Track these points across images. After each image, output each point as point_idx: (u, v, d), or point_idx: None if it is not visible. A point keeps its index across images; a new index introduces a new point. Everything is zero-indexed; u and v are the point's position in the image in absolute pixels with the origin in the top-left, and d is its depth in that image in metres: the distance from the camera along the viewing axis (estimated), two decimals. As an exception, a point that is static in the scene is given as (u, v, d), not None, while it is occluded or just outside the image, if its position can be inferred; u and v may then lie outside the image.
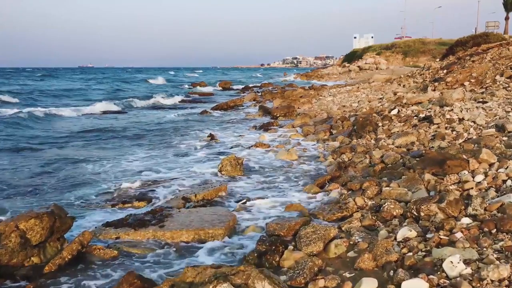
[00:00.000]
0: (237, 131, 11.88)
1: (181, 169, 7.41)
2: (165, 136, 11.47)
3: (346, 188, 5.85)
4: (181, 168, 7.50)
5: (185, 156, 8.57)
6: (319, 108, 16.87)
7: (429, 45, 53.50)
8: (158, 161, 8.23)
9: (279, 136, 10.55)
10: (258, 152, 8.67)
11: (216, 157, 8.27)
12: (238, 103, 19.67)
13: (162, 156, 8.67)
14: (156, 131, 12.45)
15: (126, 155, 8.98)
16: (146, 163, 8.13)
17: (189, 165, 7.68)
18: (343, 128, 10.43)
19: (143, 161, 8.27)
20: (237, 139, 10.47)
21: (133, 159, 8.50)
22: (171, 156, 8.64)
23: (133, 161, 8.34)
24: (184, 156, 8.53)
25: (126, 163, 8.18)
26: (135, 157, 8.68)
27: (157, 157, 8.64)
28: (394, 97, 15.10)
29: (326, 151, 8.73)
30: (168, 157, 8.60)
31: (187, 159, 8.24)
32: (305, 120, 12.67)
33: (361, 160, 7.64)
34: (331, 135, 10.19)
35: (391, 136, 8.86)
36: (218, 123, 13.84)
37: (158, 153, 9.09)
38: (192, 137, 11.07)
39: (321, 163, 7.79)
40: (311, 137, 10.07)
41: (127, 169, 7.65)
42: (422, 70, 19.09)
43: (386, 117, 10.40)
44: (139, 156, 8.82)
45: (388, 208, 4.76)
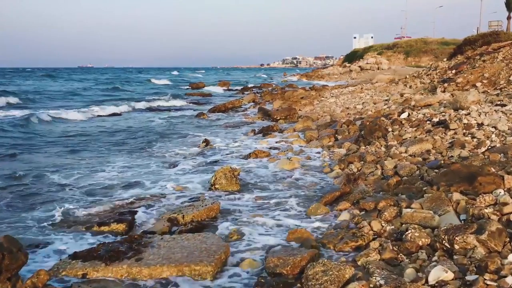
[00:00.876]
0: (234, 136, 11.06)
1: (168, 182, 6.57)
2: (154, 142, 10.55)
3: (358, 207, 5.04)
4: (168, 181, 6.65)
5: (174, 166, 7.71)
6: (321, 110, 16.06)
7: (432, 45, 52.62)
8: (143, 172, 7.31)
9: (279, 142, 9.73)
10: (257, 161, 7.85)
11: (209, 168, 7.43)
12: (237, 105, 18.86)
13: (148, 166, 7.76)
14: (145, 136, 11.54)
15: (105, 164, 7.98)
16: (128, 174, 7.18)
17: (178, 178, 6.84)
18: (349, 133, 9.62)
19: (124, 173, 7.30)
20: (234, 146, 9.66)
21: (112, 170, 7.50)
22: (158, 166, 7.74)
23: (113, 172, 7.33)
24: (173, 167, 7.67)
25: (104, 174, 7.20)
26: (116, 168, 7.68)
27: (142, 167, 7.72)
28: (401, 99, 14.29)
29: (331, 159, 7.92)
30: (154, 167, 7.67)
31: (176, 170, 7.38)
32: (307, 124, 11.86)
33: (372, 171, 6.83)
34: (336, 141, 9.37)
35: (403, 143, 8.05)
36: (214, 127, 13.02)
37: (144, 162, 8.14)
38: (184, 143, 10.22)
39: (327, 174, 6.98)
40: (315, 143, 9.26)
41: (105, 182, 6.69)
42: (428, 70, 18.28)
43: (396, 121, 9.58)
44: (120, 166, 7.84)
45: (412, 236, 3.95)
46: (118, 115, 17.44)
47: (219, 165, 7.46)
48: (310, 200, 5.57)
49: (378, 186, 6.17)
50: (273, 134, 10.77)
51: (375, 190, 6.00)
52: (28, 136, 11.67)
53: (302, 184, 6.37)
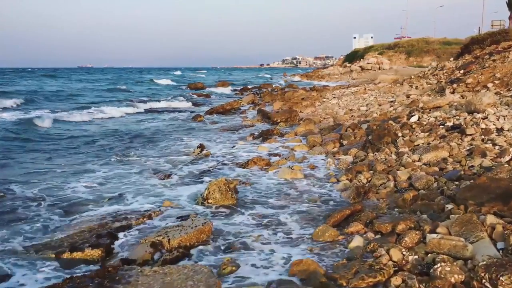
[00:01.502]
0: (232, 141, 10.36)
1: (154, 196, 5.86)
2: (142, 148, 9.77)
3: (373, 229, 4.34)
4: (154, 194, 5.94)
5: (162, 177, 6.97)
6: (323, 112, 15.36)
7: (433, 45, 51.90)
8: (125, 183, 6.53)
9: (280, 148, 9.04)
10: (255, 170, 7.15)
11: (202, 178, 6.73)
12: (235, 106, 18.14)
13: (131, 176, 6.96)
14: (133, 141, 10.72)
15: (82, 174, 7.15)
16: (108, 186, 6.37)
17: (166, 190, 6.13)
18: (355, 138, 8.92)
19: (104, 184, 6.48)
20: (231, 152, 8.96)
21: (90, 181, 6.67)
22: (144, 177, 6.98)
23: (91, 184, 6.52)
24: (161, 177, 6.90)
25: (80, 186, 6.35)
26: (94, 178, 6.85)
27: (124, 177, 6.92)
28: (407, 101, 13.60)
29: (337, 168, 7.22)
30: (139, 178, 6.87)
31: (164, 181, 6.63)
32: (309, 127, 11.16)
33: (384, 183, 6.14)
34: (342, 147, 8.67)
35: (416, 149, 7.36)
36: (210, 131, 12.31)
37: (127, 171, 7.32)
38: (176, 150, 9.49)
39: (334, 185, 6.28)
40: (318, 149, 8.56)
41: (80, 196, 5.90)
42: (435, 70, 17.58)
43: (406, 126, 8.88)
44: (100, 176, 7.03)
45: (443, 271, 3.25)
46: (110, 118, 16.72)
47: (213, 175, 6.76)
48: (315, 219, 4.86)
49: (391, 201, 5.47)
50: (273, 139, 10.07)
51: (388, 206, 5.31)
52: (7, 140, 10.92)
53: (306, 197, 5.67)
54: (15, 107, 20.28)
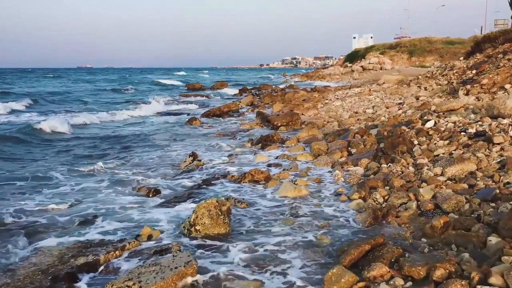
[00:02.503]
0: (228, 148, 9.42)
1: (133, 220, 4.93)
2: (126, 156, 8.83)
3: (401, 272, 3.41)
4: (134, 218, 5.00)
5: (147, 193, 6.07)
6: (326, 115, 14.43)
7: (436, 44, 50.90)
8: (100, 202, 5.53)
9: (281, 157, 8.10)
10: (253, 186, 6.22)
11: (191, 196, 5.79)
12: (233, 108, 17.21)
13: (102, 193, 5.98)
14: (118, 148, 9.81)
15: (42, 188, 6.13)
16: (78, 206, 5.37)
17: (148, 212, 5.20)
18: (365, 146, 7.99)
19: (73, 203, 5.50)
20: (227, 162, 8.03)
21: (48, 199, 5.65)
22: (125, 193, 6.07)
23: (48, 202, 5.48)
24: (142, 195, 6.01)
25: (34, 205, 5.34)
26: (62, 194, 5.86)
27: (100, 193, 5.90)
28: (417, 103, 12.67)
29: (347, 182, 6.29)
30: (113, 195, 5.91)
31: (143, 200, 5.70)
32: (312, 132, 10.23)
33: (404, 203, 5.21)
34: (350, 156, 7.74)
35: (437, 161, 6.43)
36: (205, 136, 11.36)
37: (106, 185, 6.32)
38: (165, 159, 8.57)
39: (345, 204, 5.35)
40: (324, 159, 7.62)
41: (34, 219, 4.89)
42: (444, 70, 16.66)
43: (422, 132, 7.96)
44: (69, 191, 5.97)
45: None
46: (102, 122, 15.77)
47: (203, 193, 5.82)
48: (326, 253, 3.93)
49: (417, 227, 4.55)
50: (273, 146, 9.13)
51: (414, 234, 4.38)
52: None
53: (313, 222, 4.74)
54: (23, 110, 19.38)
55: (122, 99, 25.92)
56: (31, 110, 19.51)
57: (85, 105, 22.30)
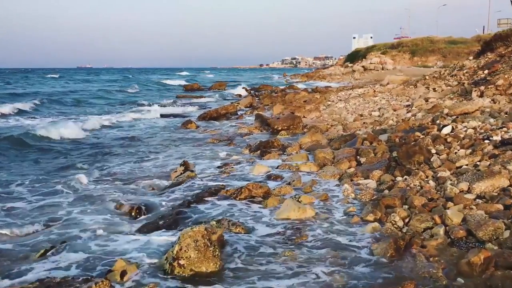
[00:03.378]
0: (224, 155, 8.60)
1: (102, 251, 4.08)
2: (110, 165, 7.90)
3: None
4: (107, 247, 4.18)
5: (127, 212, 5.24)
6: (330, 118, 13.62)
7: (438, 44, 50.02)
8: (69, 224, 4.67)
9: (282, 166, 7.29)
10: (250, 205, 5.40)
11: (178, 217, 4.95)
12: (231, 110, 16.38)
13: (82, 211, 5.12)
14: (102, 155, 8.92)
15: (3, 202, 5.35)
16: (37, 231, 4.54)
17: (125, 239, 4.37)
18: (376, 155, 7.17)
19: (31, 229, 4.60)
20: (222, 171, 7.21)
21: (9, 219, 4.82)
22: (101, 212, 5.20)
23: (10, 222, 4.69)
24: (122, 214, 5.17)
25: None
26: (16, 214, 5.00)
27: (67, 213, 5.03)
28: (426, 105, 11.86)
29: (359, 199, 5.47)
30: (93, 213, 5.09)
31: (122, 223, 4.87)
32: (316, 138, 9.41)
33: (429, 227, 4.39)
34: (360, 166, 6.92)
35: (460, 174, 5.62)
36: (200, 141, 10.52)
37: (79, 202, 5.49)
38: (154, 168, 7.73)
39: (359, 228, 4.54)
40: (331, 170, 6.80)
41: None
42: (453, 70, 15.85)
43: (439, 139, 7.14)
44: (26, 211, 5.08)
45: None
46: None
47: (193, 213, 5.00)
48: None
49: (449, 262, 3.73)
50: (273, 153, 8.31)
51: (446, 270, 3.57)
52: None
53: (321, 254, 3.92)
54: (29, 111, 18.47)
55: (127, 100, 25.09)
56: (37, 112, 18.54)
57: (78, 107, 21.46)
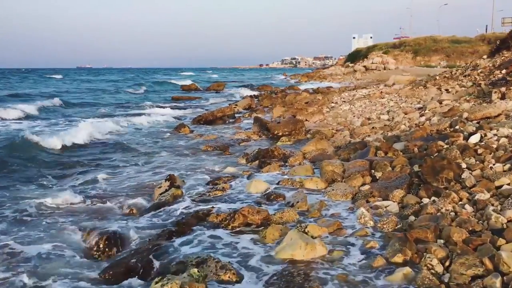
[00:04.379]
0: (216, 167, 7.53)
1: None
2: (81, 179, 6.87)
3: None
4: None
5: (89, 246, 4.17)
6: (334, 121, 12.57)
7: (442, 43, 48.87)
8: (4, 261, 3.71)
9: (284, 182, 6.22)
10: (244, 237, 4.34)
11: (152, 258, 3.89)
12: (228, 113, 15.29)
13: (30, 241, 4.14)
14: (83, 167, 7.83)
15: None
16: None
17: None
18: (394, 169, 6.10)
19: None
20: (213, 187, 6.15)
21: None
22: (51, 245, 4.18)
23: None
24: (89, 248, 4.11)
25: None
26: None
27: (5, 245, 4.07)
28: (441, 108, 10.79)
29: (380, 228, 4.41)
30: (41, 246, 4.07)
31: (83, 269, 3.82)
32: (321, 146, 8.37)
33: (478, 275, 3.34)
34: (375, 183, 5.85)
35: (504, 196, 4.57)
36: (192, 149, 9.43)
37: (27, 227, 4.50)
38: (134, 183, 6.67)
39: (384, 277, 3.48)
40: (341, 188, 5.74)
41: None
42: (465, 69, 14.80)
43: (468, 150, 6.08)
44: None
45: None
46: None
47: (170, 253, 3.93)
48: None
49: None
50: (273, 165, 7.25)
51: None
52: None
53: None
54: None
55: (136, 101, 24.11)
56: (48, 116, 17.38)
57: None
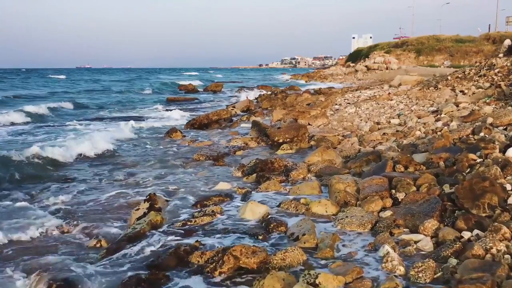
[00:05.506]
0: (207, 185, 6.45)
1: None
2: (51, 206, 5.76)
3: None
4: None
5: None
6: (340, 125, 11.51)
7: (445, 42, 47.78)
8: None
9: (285, 205, 5.15)
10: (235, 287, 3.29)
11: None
12: (224, 116, 14.21)
13: None
14: (54, 182, 6.81)
15: None
16: None
17: None
18: (418, 190, 5.03)
19: None
20: (199, 216, 5.07)
21: None
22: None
23: None
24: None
25: None
26: None
27: None
28: (459, 112, 9.72)
29: (413, 278, 3.35)
30: None
31: None
32: (328, 156, 7.31)
33: None
34: (398, 207, 4.78)
35: None
36: (181, 160, 8.32)
37: None
38: (111, 205, 5.61)
39: None
40: (357, 215, 4.66)
41: None
42: (480, 69, 13.74)
43: (510, 166, 5.02)
44: None
45: None
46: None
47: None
48: None
49: None
50: (273, 181, 6.17)
51: None
52: None
53: None
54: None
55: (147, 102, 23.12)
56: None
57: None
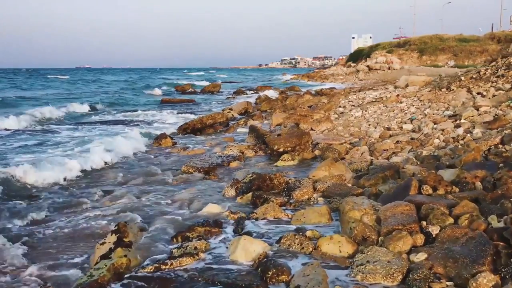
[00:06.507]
0: (194, 206, 5.40)
1: None
2: (15, 239, 4.79)
3: None
4: None
5: None
6: (346, 131, 10.46)
7: (449, 42, 46.74)
8: None
9: (288, 239, 4.10)
10: None
11: None
12: (219, 120, 13.15)
13: None
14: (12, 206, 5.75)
15: None
16: None
17: None
18: (456, 222, 3.98)
19: None
20: (178, 256, 4.02)
21: None
22: None
23: None
24: None
25: None
26: None
27: None
28: (480, 117, 8.68)
29: None
30: None
31: None
32: (336, 170, 6.26)
33: None
34: (432, 247, 3.72)
35: None
36: (167, 172, 7.27)
37: None
38: (78, 234, 4.58)
39: None
40: (382, 259, 3.60)
41: None
42: (496, 69, 12.69)
43: None
44: None
45: None
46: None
47: None
48: None
49: None
50: (272, 205, 5.11)
51: None
52: None
53: None
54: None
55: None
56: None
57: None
